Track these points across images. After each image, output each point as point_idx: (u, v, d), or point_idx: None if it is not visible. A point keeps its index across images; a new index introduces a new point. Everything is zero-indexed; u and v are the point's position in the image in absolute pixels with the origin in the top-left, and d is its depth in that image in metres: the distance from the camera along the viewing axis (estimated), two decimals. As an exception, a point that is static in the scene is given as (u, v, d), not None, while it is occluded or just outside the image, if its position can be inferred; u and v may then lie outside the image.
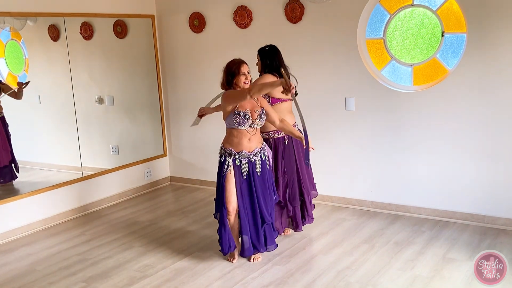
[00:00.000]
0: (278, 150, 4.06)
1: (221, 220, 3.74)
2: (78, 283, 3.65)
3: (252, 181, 3.73)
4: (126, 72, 5.77)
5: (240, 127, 3.67)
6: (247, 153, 3.70)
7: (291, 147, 4.09)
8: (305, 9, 4.86)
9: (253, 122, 3.69)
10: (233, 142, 3.72)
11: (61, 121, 5.27)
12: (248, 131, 3.69)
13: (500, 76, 4.12)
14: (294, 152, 4.11)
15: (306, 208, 4.22)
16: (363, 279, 3.51)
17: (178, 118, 5.98)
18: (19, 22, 4.84)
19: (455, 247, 3.97)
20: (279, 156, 4.06)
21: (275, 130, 4.04)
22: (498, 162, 4.24)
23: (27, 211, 4.69)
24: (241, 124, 3.66)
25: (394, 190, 4.75)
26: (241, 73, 3.63)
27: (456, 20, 4.32)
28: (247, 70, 3.66)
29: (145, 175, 5.89)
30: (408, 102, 4.54)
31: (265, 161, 3.78)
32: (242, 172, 3.72)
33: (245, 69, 3.65)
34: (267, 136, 4.05)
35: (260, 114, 3.69)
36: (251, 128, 3.70)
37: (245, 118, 3.65)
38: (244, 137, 3.70)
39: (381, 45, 4.70)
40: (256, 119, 3.69)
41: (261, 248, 3.81)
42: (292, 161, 4.10)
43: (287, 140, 4.08)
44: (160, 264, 3.89)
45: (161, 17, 5.82)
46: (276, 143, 4.06)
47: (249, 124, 3.67)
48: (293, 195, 4.13)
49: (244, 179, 3.73)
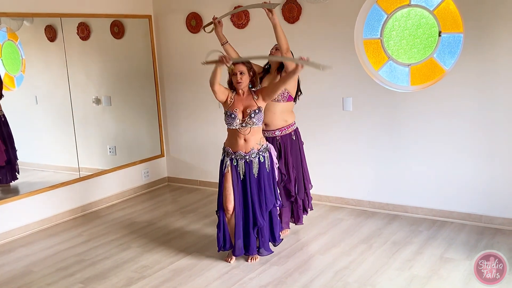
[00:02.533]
0: (287, 147, 4.09)
1: (219, 218, 3.77)
2: (76, 284, 3.64)
3: (248, 183, 3.72)
4: (123, 73, 5.76)
5: (230, 127, 3.69)
6: (243, 153, 3.70)
7: (297, 142, 4.15)
8: (303, 9, 4.87)
9: (244, 121, 3.67)
10: (231, 141, 3.74)
11: (58, 122, 5.25)
12: (241, 130, 3.68)
13: (497, 76, 4.13)
14: (299, 147, 4.16)
15: (308, 200, 4.29)
16: (361, 279, 3.51)
17: (175, 119, 5.97)
18: (15, 22, 4.83)
19: (452, 246, 3.98)
20: (288, 152, 4.09)
21: (282, 127, 4.05)
22: (495, 162, 4.25)
23: (24, 212, 4.67)
24: (230, 124, 3.68)
25: (391, 190, 4.75)
26: (232, 73, 3.67)
27: (453, 20, 4.33)
28: (240, 71, 3.65)
29: (143, 175, 5.88)
30: (405, 102, 4.55)
31: (264, 163, 3.75)
32: (238, 172, 3.72)
33: (238, 69, 3.65)
34: (274, 134, 4.06)
35: (251, 113, 3.65)
36: (244, 128, 3.68)
37: (231, 117, 3.66)
38: (239, 137, 3.69)
39: (378, 45, 4.70)
40: (246, 118, 3.66)
41: (252, 252, 3.80)
42: (298, 156, 4.16)
43: (294, 136, 4.12)
44: (158, 264, 3.89)
45: (158, 17, 5.82)
46: (284, 140, 4.08)
47: (239, 123, 3.66)
48: (300, 189, 4.18)
49: (241, 180, 3.73)
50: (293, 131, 4.13)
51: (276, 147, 4.06)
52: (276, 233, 3.87)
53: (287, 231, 4.33)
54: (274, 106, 4.02)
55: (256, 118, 3.67)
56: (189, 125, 5.87)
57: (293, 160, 4.13)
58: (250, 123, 3.67)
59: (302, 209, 4.29)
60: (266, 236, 3.82)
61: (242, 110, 3.68)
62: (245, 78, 3.67)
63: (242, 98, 3.71)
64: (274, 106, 4.02)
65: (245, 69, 3.67)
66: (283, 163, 4.08)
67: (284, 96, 4.01)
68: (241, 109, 3.68)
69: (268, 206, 3.77)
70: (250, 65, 3.72)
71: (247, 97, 3.71)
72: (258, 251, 3.85)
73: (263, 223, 3.75)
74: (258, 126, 3.72)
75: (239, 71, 3.65)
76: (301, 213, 4.30)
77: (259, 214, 3.74)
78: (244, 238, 3.78)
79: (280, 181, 4.11)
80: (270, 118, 4.04)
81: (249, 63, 3.72)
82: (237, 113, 3.66)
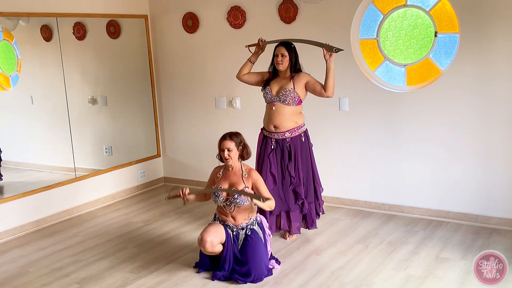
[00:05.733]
0: (297, 149, 4.06)
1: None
2: (72, 284, 3.63)
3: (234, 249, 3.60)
4: (119, 73, 5.75)
5: (215, 203, 3.64)
6: (232, 225, 3.62)
7: (307, 144, 4.13)
8: (299, 9, 4.87)
9: (228, 200, 3.57)
10: (219, 211, 3.69)
11: (54, 122, 5.24)
12: (226, 208, 3.60)
13: (492, 76, 4.15)
14: (309, 149, 4.14)
15: (319, 203, 4.25)
16: (357, 279, 3.52)
17: (171, 119, 5.97)
18: (11, 22, 4.81)
19: (448, 246, 3.99)
20: (298, 155, 4.05)
21: (292, 129, 4.02)
22: (491, 162, 4.26)
23: (19, 212, 4.65)
24: (215, 201, 3.62)
25: (387, 190, 4.76)
26: (220, 149, 3.60)
27: (449, 20, 4.34)
28: (228, 147, 3.56)
29: (139, 175, 5.87)
30: (402, 102, 4.56)
31: (250, 241, 3.54)
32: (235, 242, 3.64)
33: (225, 146, 3.56)
34: (283, 136, 4.04)
35: (234, 194, 3.51)
36: (229, 206, 3.58)
37: (215, 195, 3.59)
38: (226, 215, 3.62)
39: (375, 45, 4.71)
40: (230, 198, 3.54)
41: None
42: (308, 158, 4.13)
43: (304, 137, 4.10)
44: (154, 265, 3.88)
45: (154, 17, 5.81)
46: (294, 142, 4.06)
47: (222, 201, 3.58)
48: (309, 192, 4.14)
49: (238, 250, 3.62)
50: (302, 132, 4.10)
51: (286, 149, 4.05)
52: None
53: (294, 236, 4.25)
54: (284, 109, 4.00)
55: (240, 199, 3.54)
56: (185, 125, 5.86)
57: (302, 162, 4.10)
58: (234, 203, 3.56)
59: (314, 213, 4.22)
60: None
61: (228, 188, 3.60)
62: (233, 154, 3.58)
63: (230, 174, 3.64)
64: (284, 109, 4.00)
65: (233, 145, 3.58)
66: (293, 165, 4.04)
67: (295, 100, 3.99)
68: (226, 187, 3.60)
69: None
70: (239, 139, 3.62)
71: (236, 173, 3.63)
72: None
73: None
74: (243, 205, 3.59)
75: (227, 148, 3.56)
76: (315, 216, 4.22)
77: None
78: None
79: (289, 184, 4.08)
80: (280, 120, 4.00)
81: (237, 137, 3.61)
82: (221, 192, 3.57)
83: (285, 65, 3.99)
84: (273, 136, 4.07)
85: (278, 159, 4.08)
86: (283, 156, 4.07)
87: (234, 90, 5.39)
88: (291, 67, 4.01)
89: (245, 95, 5.29)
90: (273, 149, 4.07)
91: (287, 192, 4.09)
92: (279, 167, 4.08)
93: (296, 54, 4.04)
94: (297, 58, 4.05)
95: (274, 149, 4.07)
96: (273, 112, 4.03)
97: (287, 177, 4.07)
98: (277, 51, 4.00)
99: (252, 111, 5.22)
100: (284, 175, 4.09)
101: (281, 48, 3.98)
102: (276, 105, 4.01)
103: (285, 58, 3.97)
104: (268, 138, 4.11)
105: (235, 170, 3.64)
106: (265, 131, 4.16)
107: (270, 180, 4.03)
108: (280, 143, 4.06)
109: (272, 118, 4.04)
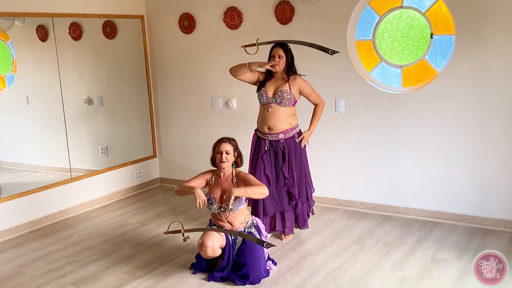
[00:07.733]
0: (291, 149, 4.06)
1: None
2: (67, 285, 3.62)
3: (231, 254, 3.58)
4: (115, 73, 5.74)
5: (209, 210, 3.64)
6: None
7: (299, 144, 4.13)
8: (295, 10, 4.87)
9: (222, 206, 3.56)
10: (214, 217, 3.68)
11: (49, 122, 5.22)
12: (221, 215, 3.59)
13: (488, 77, 4.16)
14: (302, 150, 4.15)
15: (310, 204, 4.26)
16: (353, 280, 3.52)
17: (167, 119, 5.96)
18: (6, 22, 4.80)
19: (444, 247, 4.00)
20: (292, 156, 4.06)
21: (285, 130, 4.03)
22: (487, 163, 4.28)
23: (15, 213, 4.64)
24: (209, 208, 3.62)
25: (383, 191, 4.77)
26: (217, 151, 3.59)
27: (445, 22, 4.35)
28: (226, 150, 3.55)
29: (135, 176, 5.86)
30: (398, 104, 4.57)
31: (247, 244, 3.53)
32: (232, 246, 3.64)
33: (224, 148, 3.56)
34: (277, 137, 4.04)
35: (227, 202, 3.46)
36: (223, 212, 3.56)
37: (209, 202, 3.60)
38: (222, 221, 3.61)
39: (371, 46, 4.72)
40: (224, 205, 3.52)
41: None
42: (301, 159, 4.14)
43: (297, 138, 4.11)
44: (150, 265, 3.87)
45: (150, 17, 5.80)
46: (288, 143, 4.06)
47: (216, 208, 3.58)
48: (301, 192, 4.14)
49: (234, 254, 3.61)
50: (296, 133, 4.11)
51: (280, 150, 4.05)
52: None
53: (290, 236, 4.27)
54: (280, 110, 4.00)
55: (234, 206, 3.51)
56: (181, 126, 5.86)
57: (296, 163, 4.10)
58: (228, 209, 3.53)
59: (306, 213, 4.23)
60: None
61: (220, 195, 3.60)
62: (230, 158, 3.57)
63: (222, 181, 3.63)
64: (280, 111, 4.00)
65: (231, 149, 3.58)
66: (286, 166, 4.05)
67: (291, 101, 4.00)
68: (219, 194, 3.60)
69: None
70: (236, 145, 3.64)
71: (228, 179, 3.63)
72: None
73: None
74: (238, 210, 3.58)
75: (225, 150, 3.55)
76: (306, 216, 4.24)
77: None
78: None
79: (283, 185, 4.09)
80: (275, 122, 4.00)
81: (235, 142, 3.63)
82: (214, 199, 3.58)
83: (281, 66, 3.99)
84: (266, 138, 4.07)
85: (272, 160, 4.08)
86: (277, 158, 4.07)
87: (230, 91, 5.39)
88: (287, 69, 4.01)
89: (242, 95, 5.29)
90: (266, 150, 4.07)
91: (281, 193, 4.09)
92: (273, 168, 4.09)
93: (292, 56, 4.04)
94: (293, 60, 4.05)
95: (267, 150, 4.07)
96: (268, 114, 4.03)
97: (281, 178, 4.07)
98: (274, 52, 4.00)
99: (249, 111, 5.22)
100: (278, 176, 4.09)
101: (278, 49, 3.98)
102: (272, 107, 4.00)
103: (282, 59, 3.97)
104: (262, 140, 4.11)
105: (227, 176, 3.64)
106: (258, 133, 4.16)
107: (264, 181, 4.02)
108: (273, 145, 4.06)
109: (267, 119, 4.04)
